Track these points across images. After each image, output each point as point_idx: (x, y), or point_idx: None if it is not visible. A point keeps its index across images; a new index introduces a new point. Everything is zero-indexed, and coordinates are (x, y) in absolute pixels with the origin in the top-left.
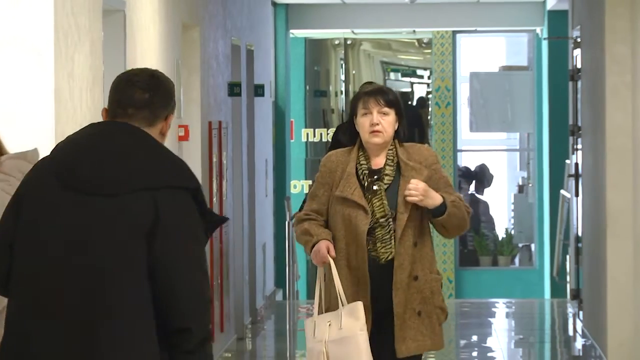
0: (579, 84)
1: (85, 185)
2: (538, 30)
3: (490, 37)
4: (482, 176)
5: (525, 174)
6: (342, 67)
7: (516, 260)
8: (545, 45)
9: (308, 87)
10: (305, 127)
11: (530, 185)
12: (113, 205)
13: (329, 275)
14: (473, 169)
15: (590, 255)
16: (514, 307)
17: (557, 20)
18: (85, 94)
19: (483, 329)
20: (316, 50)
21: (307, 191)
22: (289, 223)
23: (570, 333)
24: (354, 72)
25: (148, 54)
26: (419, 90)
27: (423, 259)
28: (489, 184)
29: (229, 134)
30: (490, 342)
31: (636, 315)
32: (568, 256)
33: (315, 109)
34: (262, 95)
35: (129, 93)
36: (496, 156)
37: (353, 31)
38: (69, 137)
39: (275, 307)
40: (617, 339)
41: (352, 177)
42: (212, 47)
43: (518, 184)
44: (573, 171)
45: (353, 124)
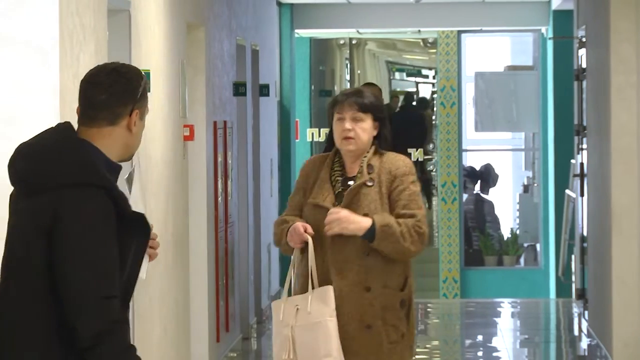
0: (584, 83)
1: (17, 185)
2: (543, 30)
3: (495, 37)
4: (487, 176)
5: (530, 174)
6: (347, 67)
7: (521, 260)
8: (550, 45)
9: (313, 87)
10: (311, 127)
11: (535, 185)
12: (27, 205)
13: (301, 258)
14: (478, 168)
15: (595, 255)
16: (519, 307)
17: (562, 20)
18: None
19: (488, 328)
20: (321, 50)
21: None
22: None
23: (576, 333)
24: (359, 72)
25: (153, 54)
26: (424, 90)
27: (377, 271)
28: (494, 184)
29: (234, 133)
30: (495, 342)
31: None
32: (573, 256)
33: (320, 109)
34: (267, 95)
35: (88, 94)
36: (501, 156)
37: (358, 31)
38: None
39: None
40: (623, 339)
41: (326, 184)
42: (217, 47)
43: (523, 184)
44: (578, 171)
45: (332, 129)
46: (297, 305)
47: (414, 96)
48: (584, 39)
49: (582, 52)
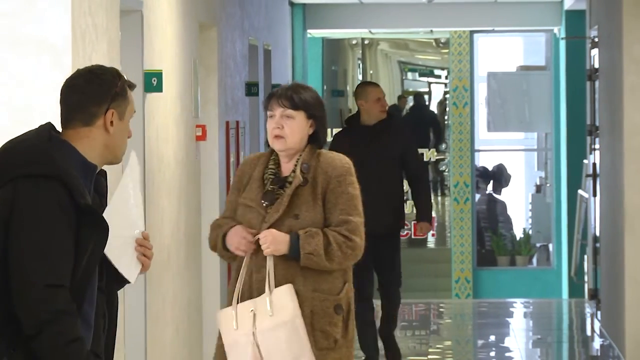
0: (597, 83)
1: None
2: (556, 30)
3: (507, 37)
4: (500, 176)
5: (542, 174)
6: (360, 67)
7: (534, 260)
8: (562, 45)
9: (325, 87)
10: None
11: (548, 185)
12: None
13: (248, 261)
14: (491, 168)
15: (608, 255)
16: (531, 307)
17: (575, 20)
18: None
19: (501, 328)
20: (333, 50)
21: None
22: None
23: (588, 333)
24: (371, 72)
25: (165, 54)
26: (437, 90)
27: (306, 274)
28: (507, 184)
29: (247, 133)
30: (508, 342)
31: None
32: (586, 256)
33: (332, 109)
34: None
35: (65, 97)
36: (514, 156)
37: (370, 31)
38: None
39: None
40: (635, 339)
41: (256, 183)
42: (230, 47)
43: (536, 184)
44: (591, 171)
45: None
46: (253, 309)
47: (424, 96)
48: (596, 39)
49: (595, 52)
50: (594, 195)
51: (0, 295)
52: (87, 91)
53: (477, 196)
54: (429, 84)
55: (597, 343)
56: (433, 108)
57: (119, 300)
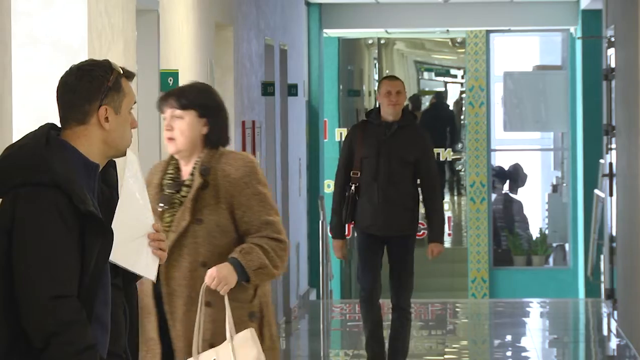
0: (613, 83)
1: None
2: (572, 29)
3: (524, 37)
4: (516, 176)
5: (559, 174)
6: (376, 67)
7: (550, 259)
8: (579, 44)
9: (341, 87)
10: (339, 127)
11: (564, 184)
12: None
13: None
14: (507, 168)
15: (624, 255)
16: (548, 307)
17: (591, 19)
18: None
19: (517, 328)
20: (349, 49)
21: None
22: (322, 222)
23: (605, 333)
24: (387, 72)
25: (181, 54)
26: (453, 90)
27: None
28: (523, 184)
29: (263, 133)
30: (524, 342)
31: None
32: (602, 256)
33: (348, 109)
34: (296, 94)
35: (58, 97)
36: (530, 156)
37: (386, 31)
38: None
39: (309, 307)
40: None
41: (154, 190)
42: (246, 47)
43: (552, 184)
44: (607, 170)
45: None
46: (214, 358)
47: (442, 95)
48: (612, 39)
49: (611, 52)
50: (611, 194)
51: (8, 307)
52: (78, 89)
53: (494, 196)
54: (445, 83)
55: (614, 343)
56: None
57: None
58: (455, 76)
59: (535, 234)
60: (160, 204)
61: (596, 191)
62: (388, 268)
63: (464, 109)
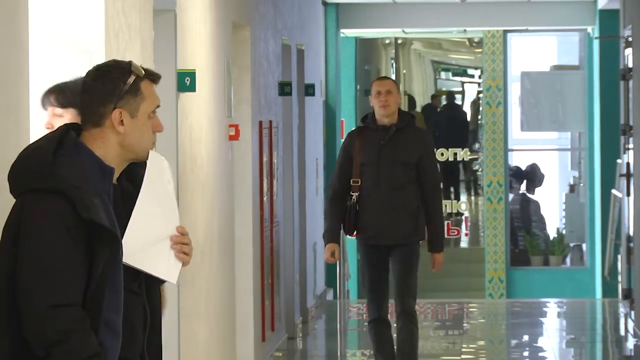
0: (630, 83)
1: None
2: (589, 29)
3: (541, 37)
4: (533, 176)
5: (576, 174)
6: (393, 67)
7: (567, 259)
8: (596, 44)
9: (358, 87)
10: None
11: (581, 184)
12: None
13: None
14: (524, 168)
15: None
16: (565, 307)
17: (609, 19)
18: None
19: (534, 328)
20: (367, 49)
21: None
22: None
23: (622, 333)
24: (404, 72)
25: (198, 54)
26: (470, 90)
27: None
28: (540, 184)
29: (280, 133)
30: (541, 342)
31: None
32: (619, 256)
33: (365, 109)
34: (313, 94)
35: (79, 99)
36: (547, 156)
37: (404, 30)
38: None
39: (326, 307)
40: None
41: None
42: (263, 47)
43: (569, 184)
44: (624, 170)
45: None
46: None
47: (454, 96)
48: (630, 39)
49: (629, 52)
50: (628, 194)
51: (13, 316)
52: (93, 91)
53: (511, 196)
54: (462, 83)
55: (631, 343)
56: (466, 107)
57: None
58: (472, 76)
59: (552, 234)
60: None
61: (613, 191)
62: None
63: (481, 108)
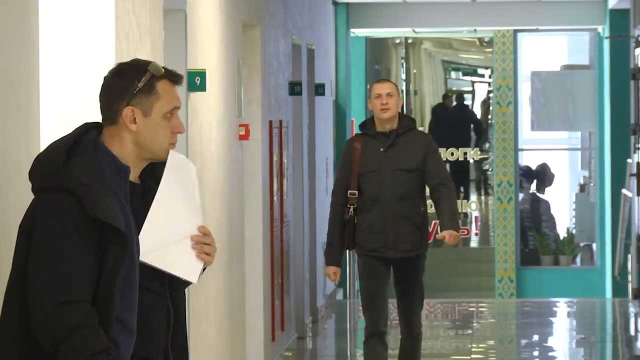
0: None
1: None
2: (600, 29)
3: (551, 36)
4: (544, 175)
5: (586, 173)
6: (403, 66)
7: (577, 259)
8: (606, 44)
9: (369, 87)
10: None
11: (591, 184)
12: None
13: None
14: (534, 168)
15: None
16: (575, 307)
17: (619, 19)
18: None
19: (544, 328)
20: (377, 49)
21: None
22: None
23: (632, 333)
24: (414, 71)
25: (209, 53)
26: (480, 89)
27: None
28: (550, 183)
29: (290, 133)
30: (551, 342)
31: None
32: (630, 255)
33: None
34: (323, 94)
35: (100, 96)
36: (557, 155)
37: (414, 30)
38: None
39: (335, 306)
40: None
41: None
42: (273, 46)
43: (579, 183)
44: (635, 170)
45: None
46: None
47: (463, 95)
48: None
49: (639, 52)
50: (638, 194)
51: (26, 314)
52: (110, 88)
53: (521, 195)
54: (473, 83)
55: None
56: (477, 107)
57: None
58: (482, 76)
59: (562, 233)
60: None
61: (624, 191)
62: (394, 290)
63: (491, 108)
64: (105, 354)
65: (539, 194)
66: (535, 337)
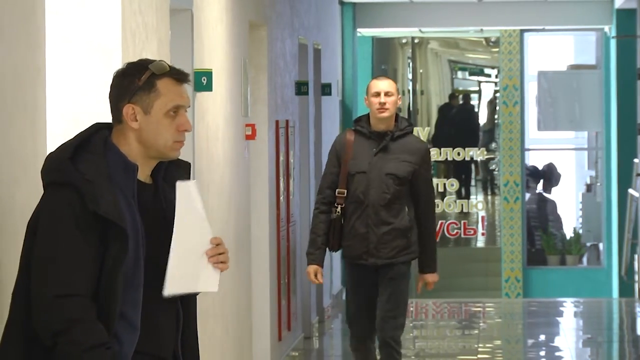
0: None
1: None
2: (606, 28)
3: (558, 36)
4: (550, 175)
5: (593, 173)
6: (410, 66)
7: (584, 259)
8: (613, 43)
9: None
10: None
11: (598, 184)
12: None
13: None
14: (541, 168)
15: None
16: (581, 307)
17: (626, 18)
18: None
19: (551, 328)
20: (383, 49)
21: None
22: None
23: (639, 332)
24: (421, 71)
25: (215, 53)
26: (487, 89)
27: None
28: (557, 183)
29: (296, 132)
30: (558, 342)
31: None
32: (636, 255)
33: None
34: (329, 94)
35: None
36: (564, 155)
37: (420, 30)
38: None
39: (342, 306)
40: None
41: None
42: (280, 46)
43: (586, 183)
44: None
45: None
46: None
47: (470, 96)
48: None
49: None
50: None
51: (25, 301)
52: (113, 87)
53: (527, 195)
54: (479, 82)
55: None
56: (483, 107)
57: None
58: (489, 75)
59: (569, 233)
60: None
61: (630, 190)
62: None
63: (497, 108)
64: (104, 347)
65: (545, 194)
66: (542, 337)
